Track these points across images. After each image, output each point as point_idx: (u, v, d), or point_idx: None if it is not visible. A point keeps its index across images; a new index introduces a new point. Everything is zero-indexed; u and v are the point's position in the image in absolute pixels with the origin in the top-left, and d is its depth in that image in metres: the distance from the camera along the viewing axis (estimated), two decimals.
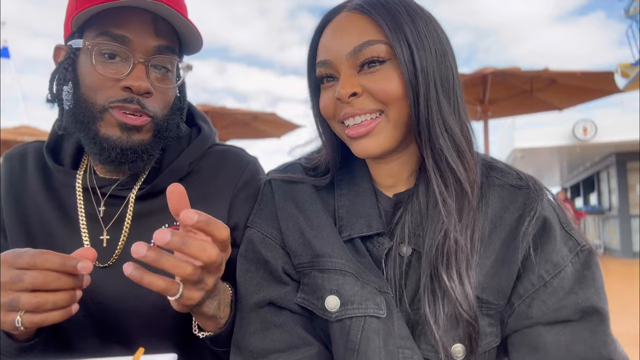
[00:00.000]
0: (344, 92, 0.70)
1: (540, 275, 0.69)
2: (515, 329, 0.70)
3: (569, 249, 0.71)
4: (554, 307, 0.68)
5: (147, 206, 0.85)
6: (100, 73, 0.77)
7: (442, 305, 0.67)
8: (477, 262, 0.69)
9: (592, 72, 6.05)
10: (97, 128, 0.78)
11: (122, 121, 0.77)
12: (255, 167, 0.94)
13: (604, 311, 0.67)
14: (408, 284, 0.72)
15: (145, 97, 0.78)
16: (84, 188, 0.85)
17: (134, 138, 0.79)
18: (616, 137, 10.93)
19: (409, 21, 0.71)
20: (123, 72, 0.77)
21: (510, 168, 0.79)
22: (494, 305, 0.70)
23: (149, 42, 0.78)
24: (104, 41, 0.76)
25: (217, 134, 0.98)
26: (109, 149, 0.78)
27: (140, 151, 0.80)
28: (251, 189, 0.90)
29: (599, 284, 0.69)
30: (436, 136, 0.70)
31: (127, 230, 0.84)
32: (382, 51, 0.70)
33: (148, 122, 0.80)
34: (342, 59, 0.71)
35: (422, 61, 0.70)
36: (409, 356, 0.67)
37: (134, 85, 0.76)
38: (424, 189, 0.74)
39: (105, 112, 0.77)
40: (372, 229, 0.75)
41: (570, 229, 0.72)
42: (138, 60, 0.77)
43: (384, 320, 0.69)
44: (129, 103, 0.77)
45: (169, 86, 0.83)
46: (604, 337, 0.66)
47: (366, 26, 0.71)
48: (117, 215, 0.84)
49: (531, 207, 0.72)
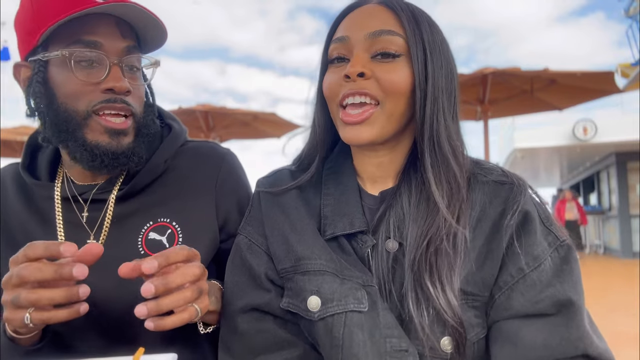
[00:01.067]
0: (354, 70, 0.72)
1: (520, 268, 0.71)
2: (495, 320, 0.71)
3: (549, 244, 0.72)
4: (532, 300, 0.69)
5: (127, 207, 0.86)
6: (81, 79, 0.78)
7: (426, 308, 0.68)
8: (461, 264, 0.70)
9: (592, 72, 6.05)
10: (83, 135, 0.80)
11: (108, 127, 0.80)
12: (231, 158, 0.98)
13: (580, 306, 0.68)
14: (395, 279, 0.73)
15: (126, 96, 0.81)
16: (63, 198, 0.87)
17: (122, 142, 0.81)
18: (616, 137, 10.94)
19: (428, 30, 0.75)
20: (100, 75, 0.79)
21: (495, 166, 0.81)
22: (479, 297, 0.72)
23: (118, 44, 0.81)
24: (78, 48, 0.78)
25: (187, 132, 1.00)
26: (102, 155, 0.80)
27: (130, 154, 0.82)
28: (232, 179, 0.94)
29: (576, 279, 0.70)
30: (439, 141, 0.73)
31: (106, 232, 0.85)
32: (399, 45, 0.73)
33: (130, 124, 0.83)
34: (359, 38, 0.74)
35: (434, 69, 0.74)
36: (396, 344, 0.68)
37: (116, 86, 0.79)
38: (408, 187, 0.76)
39: (89, 118, 0.79)
40: (355, 226, 0.76)
41: (550, 224, 0.74)
42: (113, 62, 0.80)
43: (367, 313, 0.70)
44: (113, 102, 0.80)
45: (140, 83, 0.87)
46: (579, 332, 0.67)
47: (390, 18, 0.75)
48: (100, 219, 0.85)
49: (514, 201, 0.73)
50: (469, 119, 6.83)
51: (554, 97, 6.74)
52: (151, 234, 0.84)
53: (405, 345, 0.68)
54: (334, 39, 0.77)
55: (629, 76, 8.48)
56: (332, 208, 0.79)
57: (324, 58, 0.81)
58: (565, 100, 6.87)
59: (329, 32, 0.80)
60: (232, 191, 0.93)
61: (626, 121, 10.55)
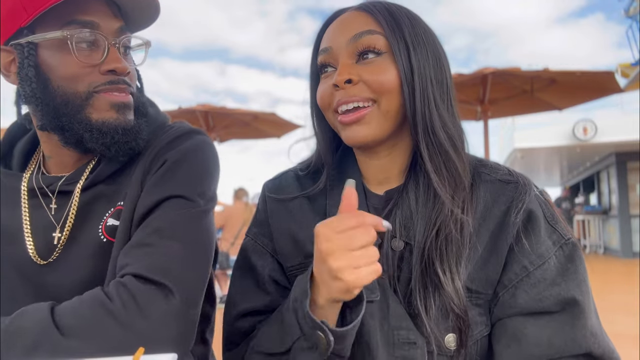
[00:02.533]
0: (340, 78, 0.73)
1: (524, 266, 0.71)
2: (499, 317, 0.72)
3: (553, 242, 0.72)
4: (536, 298, 0.69)
5: (90, 194, 0.83)
6: (81, 60, 0.76)
7: (434, 298, 0.69)
8: (467, 256, 0.71)
9: (592, 72, 6.04)
10: (87, 115, 0.77)
11: (113, 101, 0.78)
12: (185, 139, 0.85)
13: (584, 304, 0.68)
14: (401, 278, 0.74)
15: (126, 77, 0.80)
16: (30, 189, 0.84)
17: (129, 117, 0.80)
18: (616, 137, 10.93)
19: (408, 24, 0.76)
20: (99, 57, 0.77)
21: (500, 165, 0.81)
22: (482, 295, 0.72)
23: (112, 24, 0.80)
24: (77, 29, 0.76)
25: (168, 118, 0.94)
26: (112, 132, 0.78)
27: (136, 131, 0.81)
28: (166, 152, 0.82)
29: (581, 277, 0.71)
30: (434, 130, 0.73)
31: (71, 223, 0.82)
32: (379, 43, 0.74)
33: (130, 100, 0.82)
34: (341, 46, 0.75)
35: (418, 61, 0.74)
36: (404, 336, 0.69)
37: (118, 67, 0.78)
38: (414, 185, 0.77)
39: (91, 98, 0.77)
40: None
41: (555, 222, 0.74)
42: (110, 43, 0.78)
43: (378, 303, 0.71)
44: (117, 84, 0.78)
45: (138, 64, 0.86)
46: (584, 331, 0.67)
47: (369, 20, 0.76)
48: (65, 211, 0.83)
49: (519, 200, 0.74)
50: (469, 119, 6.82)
51: (554, 97, 6.73)
52: (110, 220, 0.82)
53: (414, 337, 0.69)
54: (320, 50, 0.79)
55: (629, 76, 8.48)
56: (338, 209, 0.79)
57: (314, 69, 0.82)
58: (565, 100, 6.86)
59: (315, 44, 0.82)
60: (158, 162, 0.82)
61: (626, 121, 10.54)
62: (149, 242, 0.73)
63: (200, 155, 0.85)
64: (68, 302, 0.69)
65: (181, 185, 0.79)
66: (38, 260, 0.81)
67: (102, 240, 0.80)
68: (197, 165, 0.83)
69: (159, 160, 0.82)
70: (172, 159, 0.81)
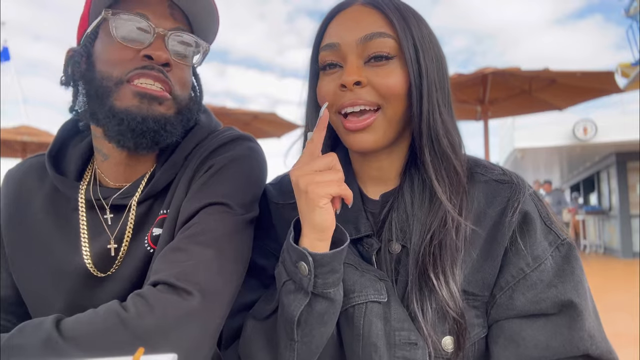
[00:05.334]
0: (350, 79, 0.71)
1: (520, 268, 0.71)
2: (497, 319, 0.72)
3: (549, 243, 0.72)
4: (533, 300, 0.69)
5: (145, 206, 0.83)
6: (122, 43, 0.77)
7: (430, 301, 0.70)
8: (463, 259, 0.71)
9: (592, 71, 6.04)
10: (112, 102, 0.77)
11: (138, 91, 0.77)
12: (235, 146, 0.86)
13: (581, 306, 0.68)
14: (399, 280, 0.74)
15: (166, 69, 0.79)
16: (87, 200, 0.83)
17: (154, 108, 0.78)
18: (616, 137, 10.92)
19: (415, 25, 0.74)
20: (143, 43, 0.78)
21: (495, 165, 0.81)
22: (479, 297, 0.72)
23: (166, 23, 0.80)
24: (124, 14, 0.77)
25: (220, 124, 0.95)
26: (129, 120, 0.76)
27: (163, 123, 0.79)
28: (213, 162, 0.83)
29: (577, 279, 0.70)
30: (438, 137, 0.73)
31: (129, 238, 0.82)
32: (390, 47, 0.72)
33: (169, 98, 0.80)
34: (351, 44, 0.73)
35: (426, 65, 0.73)
36: (405, 337, 0.70)
37: (154, 54, 0.77)
38: (410, 187, 0.77)
39: (121, 85, 0.77)
40: (361, 232, 0.77)
41: (551, 223, 0.74)
42: (158, 32, 0.78)
43: (384, 304, 0.72)
44: (150, 70, 0.77)
45: (187, 63, 0.84)
46: (581, 333, 0.67)
47: (379, 19, 0.74)
48: (120, 223, 0.83)
49: (514, 199, 0.74)
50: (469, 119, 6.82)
51: (554, 97, 6.73)
52: (154, 230, 0.82)
53: (415, 338, 0.69)
54: (324, 45, 0.76)
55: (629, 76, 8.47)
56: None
57: (314, 65, 0.80)
58: (565, 100, 6.86)
59: (317, 37, 0.79)
60: (201, 170, 0.83)
61: (626, 121, 10.53)
62: (183, 248, 0.73)
63: (247, 163, 0.85)
64: (81, 314, 0.67)
65: (224, 193, 0.79)
66: (95, 272, 0.80)
67: (149, 251, 0.81)
68: (242, 173, 0.83)
69: (205, 166, 0.82)
70: (218, 165, 0.81)
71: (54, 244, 0.83)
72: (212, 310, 0.70)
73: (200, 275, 0.70)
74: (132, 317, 0.65)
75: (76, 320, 0.65)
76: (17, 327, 0.65)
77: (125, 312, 0.65)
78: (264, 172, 0.88)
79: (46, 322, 0.65)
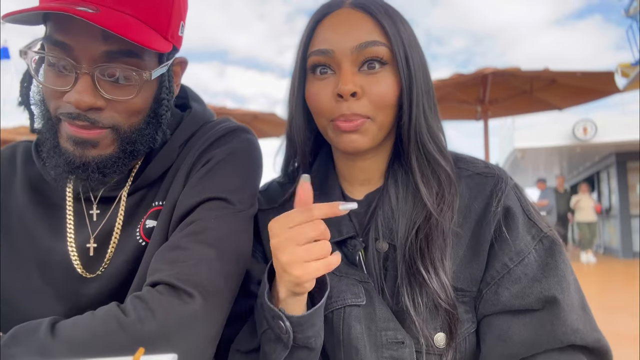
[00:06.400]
0: (347, 89, 0.70)
1: (504, 263, 0.71)
2: (484, 314, 0.73)
3: (532, 237, 0.72)
4: (518, 294, 0.70)
5: (134, 198, 0.80)
6: (45, 84, 0.69)
7: (421, 296, 0.69)
8: (451, 253, 0.72)
9: (592, 72, 6.05)
10: (58, 138, 0.72)
11: (72, 135, 0.70)
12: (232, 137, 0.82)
13: (564, 302, 0.68)
14: (388, 278, 0.74)
15: (98, 111, 0.69)
16: (75, 191, 0.79)
17: (88, 154, 0.71)
18: (616, 137, 10.93)
19: (403, 29, 0.74)
20: (68, 83, 0.68)
21: (476, 159, 0.82)
22: (468, 293, 0.73)
23: (95, 48, 0.67)
24: (47, 48, 0.68)
25: (213, 114, 0.91)
26: (65, 163, 0.71)
27: (94, 167, 0.72)
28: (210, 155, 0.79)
29: (561, 274, 0.70)
30: (423, 142, 0.75)
31: (119, 230, 0.78)
32: (384, 54, 0.72)
33: (106, 135, 0.71)
34: (346, 52, 0.72)
35: (415, 71, 0.73)
36: (392, 337, 0.70)
37: (73, 102, 0.67)
38: (394, 183, 0.77)
39: (59, 123, 0.71)
40: (343, 234, 0.77)
41: (532, 216, 0.74)
42: (82, 71, 0.67)
43: (364, 307, 0.72)
44: (75, 119, 0.69)
45: (127, 97, 0.71)
46: (563, 328, 0.68)
47: (372, 26, 0.73)
48: (107, 217, 0.79)
49: (496, 195, 0.74)
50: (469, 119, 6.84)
51: (554, 97, 6.73)
52: (147, 222, 0.78)
53: (402, 337, 0.70)
54: (316, 50, 0.74)
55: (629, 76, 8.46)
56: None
57: (302, 64, 0.77)
58: (565, 100, 6.87)
59: (305, 37, 0.76)
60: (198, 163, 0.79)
61: (626, 121, 10.54)
62: (184, 246, 0.70)
63: (245, 155, 0.81)
64: (77, 317, 0.64)
65: (223, 188, 0.76)
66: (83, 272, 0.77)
67: (140, 244, 0.77)
68: (241, 166, 0.80)
69: (203, 160, 0.78)
70: (216, 159, 0.78)
71: (37, 230, 0.79)
72: (214, 312, 0.68)
73: (201, 276, 0.67)
74: (132, 322, 0.62)
75: (73, 326, 0.63)
76: (9, 332, 0.62)
77: (126, 317, 0.62)
78: (262, 165, 0.86)
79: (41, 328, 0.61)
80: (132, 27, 0.68)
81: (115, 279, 0.77)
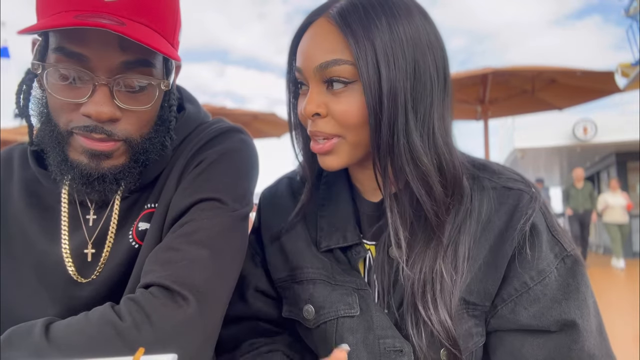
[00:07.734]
0: (308, 110, 0.69)
1: (524, 282, 0.68)
2: (496, 328, 0.71)
3: (555, 255, 0.69)
4: (536, 315, 0.67)
5: (129, 201, 0.79)
6: (57, 97, 0.67)
7: (423, 329, 0.68)
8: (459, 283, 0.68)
9: (592, 71, 6.04)
10: (67, 151, 0.71)
11: (87, 148, 0.69)
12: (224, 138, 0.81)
13: (583, 327, 0.66)
14: (396, 291, 0.72)
15: (113, 123, 0.69)
16: (70, 196, 0.78)
17: (103, 165, 0.71)
18: (616, 137, 10.93)
19: (385, 31, 0.65)
20: (84, 94, 0.67)
21: (504, 169, 0.76)
22: (480, 307, 0.70)
23: (113, 58, 0.66)
24: (59, 59, 0.66)
25: (208, 115, 0.90)
26: (85, 177, 0.71)
27: (112, 178, 0.72)
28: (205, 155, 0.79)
29: (582, 297, 0.68)
30: (401, 163, 0.67)
31: (113, 234, 0.78)
32: (348, 72, 0.66)
33: (119, 147, 0.71)
34: (310, 72, 0.69)
35: (391, 82, 0.64)
36: (390, 345, 0.69)
37: (92, 114, 0.66)
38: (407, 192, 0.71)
39: (71, 137, 0.70)
40: (347, 240, 0.76)
41: (557, 233, 0.71)
42: (100, 82, 0.66)
43: (359, 317, 0.71)
44: (92, 132, 0.68)
45: (143, 106, 0.71)
46: (580, 353, 0.66)
47: (335, 42, 0.67)
48: (101, 223, 0.78)
49: (522, 213, 0.69)
50: (469, 118, 6.83)
51: (554, 96, 6.73)
52: (140, 224, 0.77)
53: (400, 345, 0.68)
54: (294, 65, 0.73)
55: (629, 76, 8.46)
56: (327, 220, 0.79)
57: (292, 77, 0.76)
58: (565, 100, 6.86)
59: (290, 50, 0.75)
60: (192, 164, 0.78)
61: (626, 121, 10.54)
62: (177, 247, 0.69)
63: (238, 155, 0.80)
64: (72, 318, 0.63)
65: (216, 188, 0.75)
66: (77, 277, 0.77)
67: (134, 246, 0.77)
68: (235, 166, 0.79)
69: (195, 161, 0.78)
70: (208, 159, 0.77)
71: (34, 241, 0.79)
72: (210, 314, 0.67)
73: (195, 277, 0.67)
74: (128, 327, 0.61)
75: (67, 328, 0.62)
76: (4, 335, 0.62)
77: (121, 322, 0.61)
78: (257, 164, 0.85)
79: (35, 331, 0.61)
80: (154, 37, 0.67)
81: (110, 282, 0.77)
